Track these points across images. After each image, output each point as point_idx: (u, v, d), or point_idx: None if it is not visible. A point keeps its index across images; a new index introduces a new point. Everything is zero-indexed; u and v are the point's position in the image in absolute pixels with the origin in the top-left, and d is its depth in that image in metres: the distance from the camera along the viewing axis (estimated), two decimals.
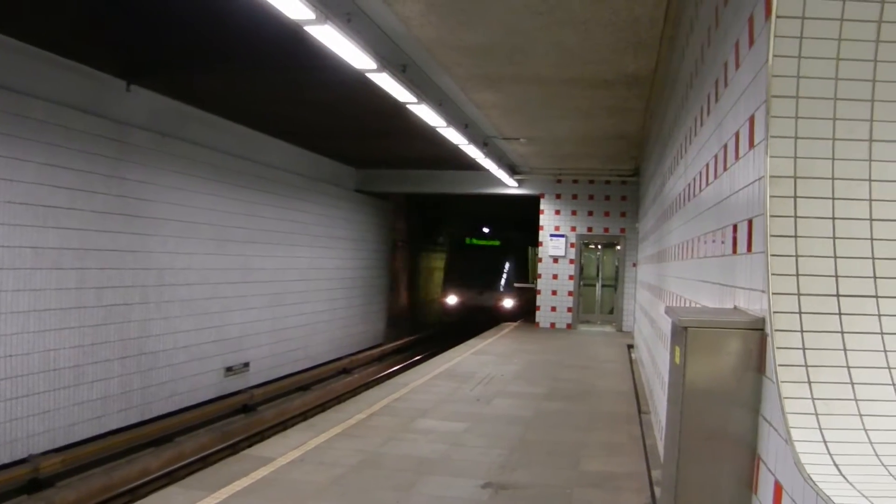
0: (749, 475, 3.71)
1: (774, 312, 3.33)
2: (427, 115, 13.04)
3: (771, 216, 3.39)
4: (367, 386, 19.59)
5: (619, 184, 23.71)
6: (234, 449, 13.37)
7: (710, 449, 3.76)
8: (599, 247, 25.64)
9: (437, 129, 14.44)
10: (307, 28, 8.19)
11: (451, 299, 32.03)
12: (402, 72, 10.74)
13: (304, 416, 16.23)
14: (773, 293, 3.33)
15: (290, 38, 9.17)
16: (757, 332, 3.61)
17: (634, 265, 22.70)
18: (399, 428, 9.69)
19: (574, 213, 24.12)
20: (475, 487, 7.37)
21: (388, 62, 10.08)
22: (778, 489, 3.23)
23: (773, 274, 3.35)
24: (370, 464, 8.07)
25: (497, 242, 34.86)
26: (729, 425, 3.72)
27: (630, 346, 19.63)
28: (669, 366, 4.40)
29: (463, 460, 8.36)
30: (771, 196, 3.40)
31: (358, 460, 8.15)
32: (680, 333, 3.91)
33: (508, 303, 31.79)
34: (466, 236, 35.59)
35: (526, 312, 29.31)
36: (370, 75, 10.13)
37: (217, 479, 7.32)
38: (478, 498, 7.08)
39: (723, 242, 4.77)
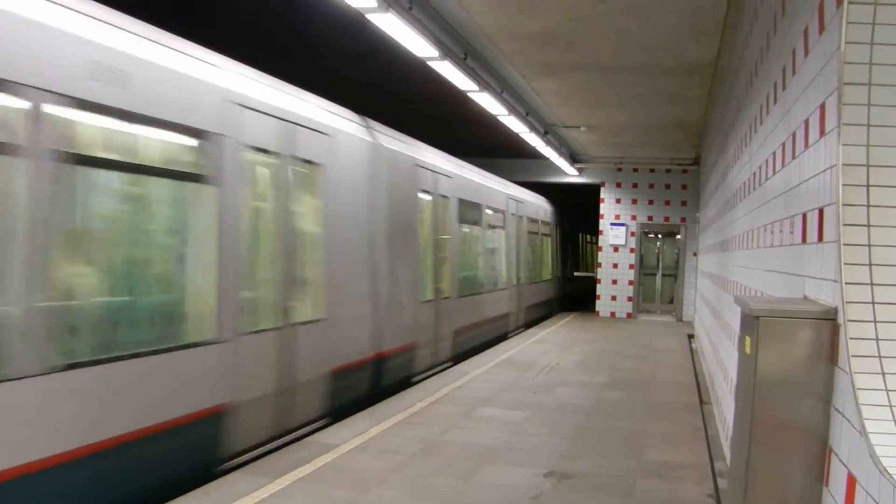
0: (820, 467, 3.68)
1: (847, 302, 3.29)
2: (488, 103, 13.03)
3: (843, 205, 3.35)
4: None
5: (680, 172, 23.50)
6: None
7: (781, 440, 3.73)
8: (660, 236, 25.44)
9: (498, 118, 14.42)
10: (369, 16, 8.23)
11: None
12: (462, 60, 10.74)
13: None
14: (846, 283, 3.30)
15: (351, 26, 9.25)
16: (829, 321, 3.57)
17: (695, 254, 22.50)
18: (460, 416, 9.71)
19: (634, 201, 23.96)
20: (537, 476, 7.36)
21: (449, 50, 10.09)
22: (851, 481, 3.19)
23: (845, 263, 3.31)
24: (432, 451, 8.10)
25: None
26: (800, 416, 3.68)
27: (690, 336, 19.46)
28: (739, 355, 4.37)
29: (524, 449, 8.35)
30: (843, 185, 3.36)
31: (420, 448, 8.19)
32: (751, 323, 3.88)
33: None
34: None
35: None
36: (432, 63, 10.16)
37: (280, 465, 7.39)
38: (540, 486, 7.08)
39: (791, 232, 4.72)
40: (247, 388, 7.62)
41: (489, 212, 17.61)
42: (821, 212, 3.85)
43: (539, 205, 23.90)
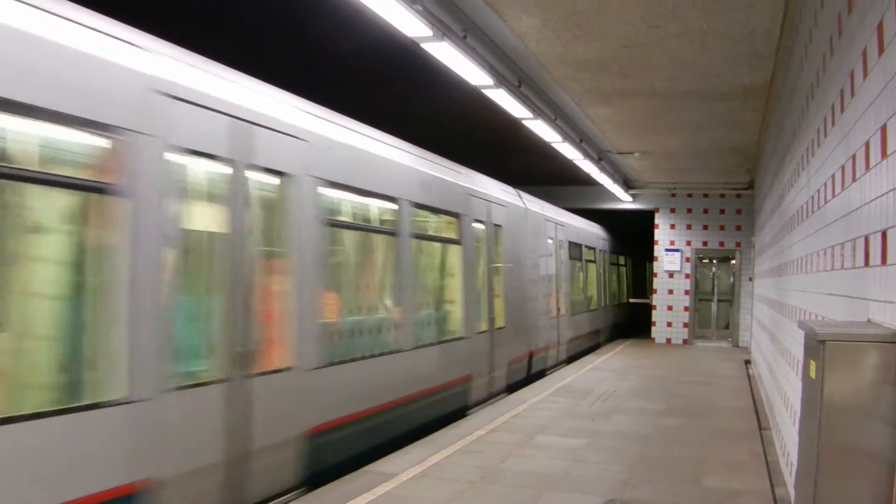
0: (888, 492, 3.63)
1: None
2: (543, 130, 13.04)
3: None
4: None
5: (734, 197, 23.35)
6: None
7: (848, 465, 3.69)
8: (714, 261, 25.26)
9: (553, 145, 14.42)
10: (424, 45, 8.30)
11: None
12: (517, 87, 10.78)
13: None
14: None
15: (405, 55, 9.33)
16: (895, 345, 3.54)
17: (751, 279, 22.27)
18: (519, 444, 9.69)
19: (689, 227, 23.86)
20: None
21: (504, 78, 10.14)
22: None
23: None
24: (491, 480, 8.09)
25: None
26: (867, 441, 3.64)
27: (747, 362, 19.26)
28: (803, 380, 4.33)
29: (584, 476, 8.31)
30: None
31: (479, 476, 8.18)
32: (816, 347, 3.85)
33: None
34: None
35: None
36: (486, 92, 10.21)
37: (338, 494, 7.41)
38: None
39: (853, 255, 4.68)
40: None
41: (587, 249, 22.65)
42: (884, 234, 3.82)
43: (609, 238, 26.36)
